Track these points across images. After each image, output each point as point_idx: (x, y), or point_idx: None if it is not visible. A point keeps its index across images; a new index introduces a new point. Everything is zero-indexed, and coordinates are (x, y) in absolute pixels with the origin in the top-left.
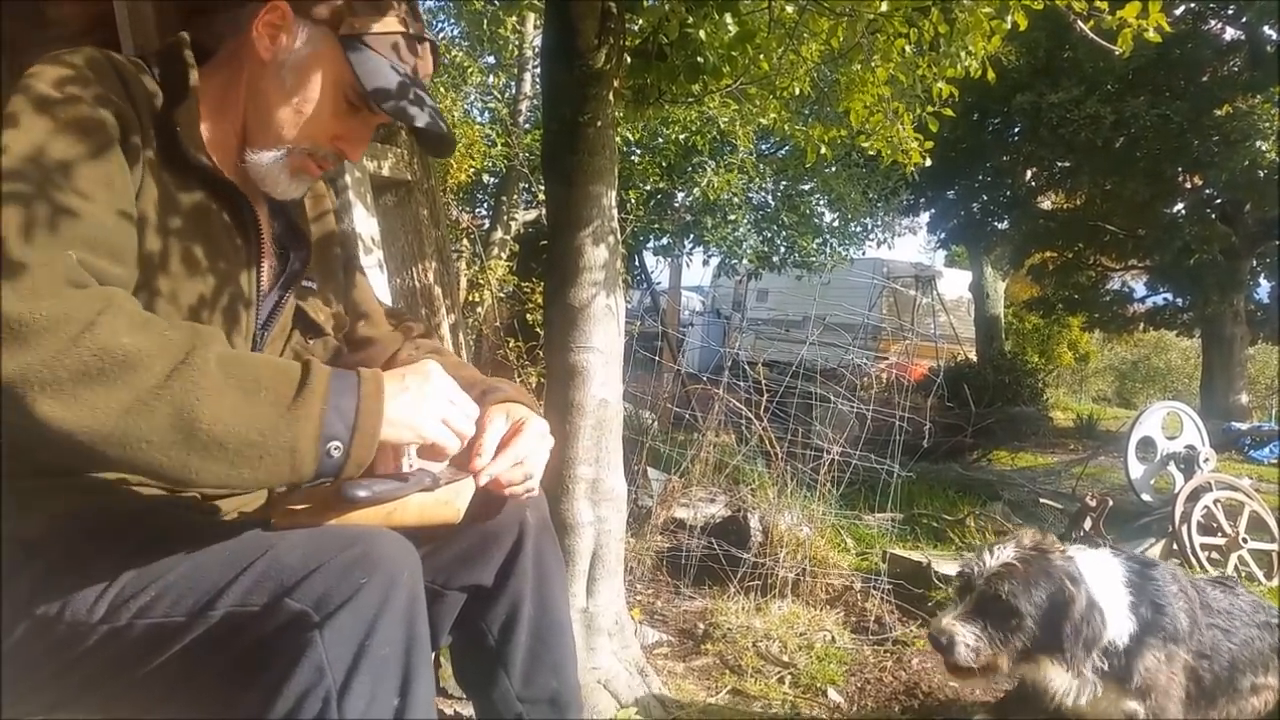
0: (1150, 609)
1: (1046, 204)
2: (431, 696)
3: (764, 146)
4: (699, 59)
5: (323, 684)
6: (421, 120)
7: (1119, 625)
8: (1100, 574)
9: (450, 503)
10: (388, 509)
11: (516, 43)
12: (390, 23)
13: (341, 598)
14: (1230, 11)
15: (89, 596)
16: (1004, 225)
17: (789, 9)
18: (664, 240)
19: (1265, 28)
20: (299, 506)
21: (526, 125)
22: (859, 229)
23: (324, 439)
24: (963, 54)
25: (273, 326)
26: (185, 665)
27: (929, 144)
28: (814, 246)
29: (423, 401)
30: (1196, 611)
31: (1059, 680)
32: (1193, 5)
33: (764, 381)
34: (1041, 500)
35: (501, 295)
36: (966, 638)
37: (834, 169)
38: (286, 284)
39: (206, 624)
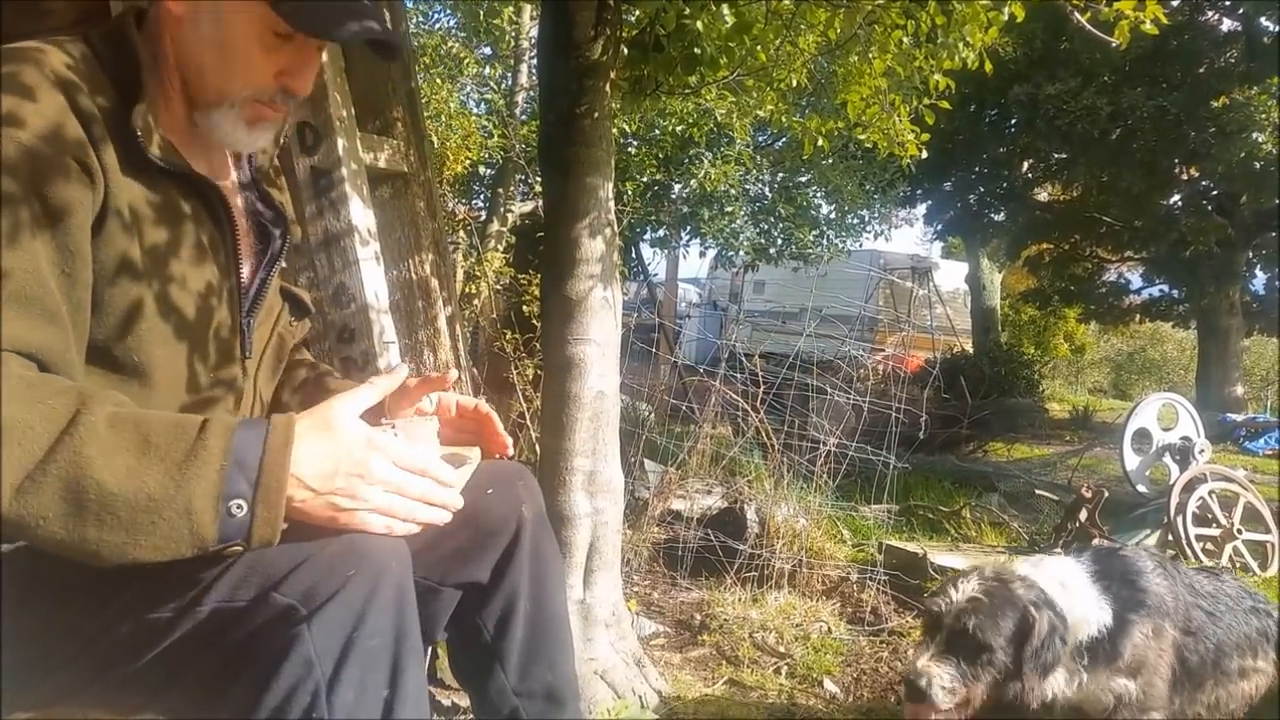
0: (1126, 588)
1: (1043, 196)
2: (423, 687)
3: (761, 138)
4: (696, 50)
5: (312, 677)
6: (350, 33)
7: (1094, 618)
8: (1062, 581)
9: None
10: None
11: (513, 34)
12: None
13: (329, 591)
14: (1227, 3)
15: (76, 596)
16: (1000, 217)
17: (786, 0)
18: (661, 232)
19: (1262, 19)
20: None
21: (523, 117)
22: (856, 221)
23: (224, 497)
24: (960, 45)
25: (259, 310)
26: (174, 662)
27: (925, 136)
28: (811, 238)
29: (342, 454)
30: (1179, 589)
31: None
32: None
33: (761, 373)
34: (1037, 492)
35: (498, 287)
36: (943, 679)
37: (831, 161)
38: (270, 262)
39: (194, 620)
